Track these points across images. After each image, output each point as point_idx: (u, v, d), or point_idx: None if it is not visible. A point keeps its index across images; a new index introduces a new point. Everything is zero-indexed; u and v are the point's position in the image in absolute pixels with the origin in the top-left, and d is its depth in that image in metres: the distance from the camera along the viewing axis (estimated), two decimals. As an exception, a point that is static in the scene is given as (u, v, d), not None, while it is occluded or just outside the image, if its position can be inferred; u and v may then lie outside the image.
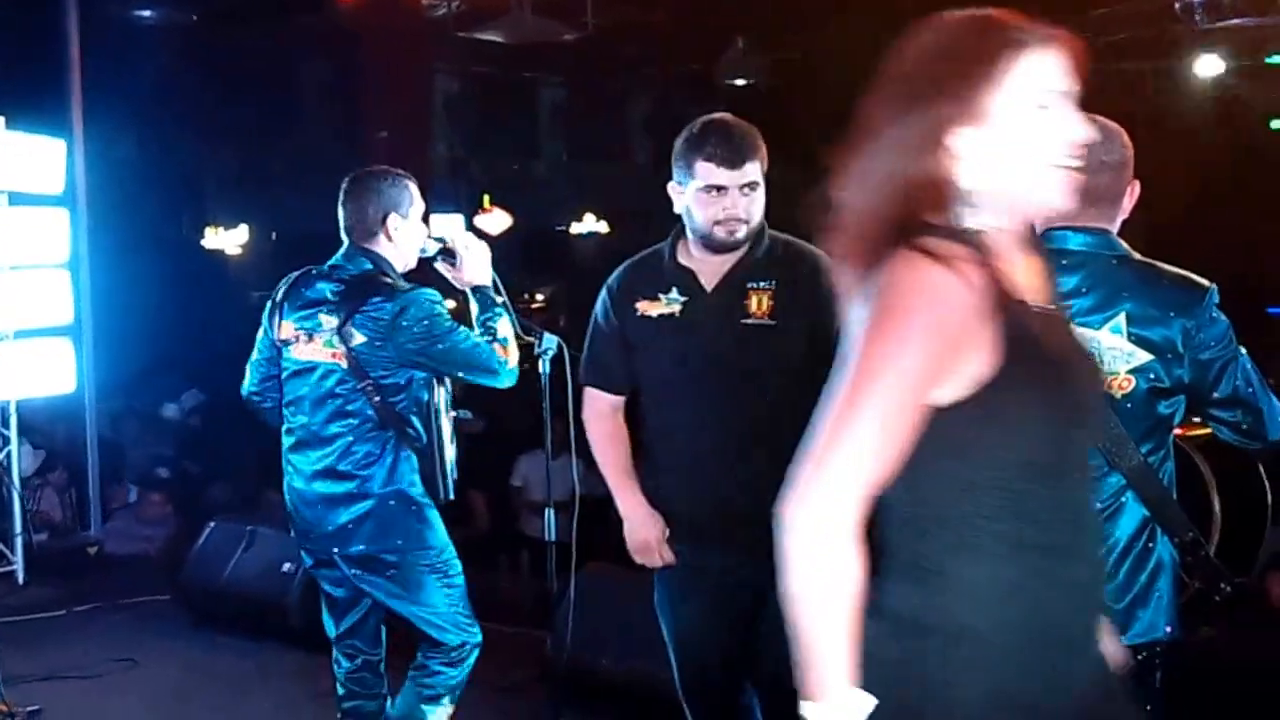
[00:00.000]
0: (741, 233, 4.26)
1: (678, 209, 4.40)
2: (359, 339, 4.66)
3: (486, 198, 22.76)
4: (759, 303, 4.28)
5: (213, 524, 8.19)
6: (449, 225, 19.29)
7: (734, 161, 4.26)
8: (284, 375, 4.90)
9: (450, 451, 4.89)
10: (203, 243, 20.35)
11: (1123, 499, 3.46)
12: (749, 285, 4.29)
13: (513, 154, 26.59)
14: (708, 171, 4.28)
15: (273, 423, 5.07)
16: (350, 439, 4.75)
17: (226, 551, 7.91)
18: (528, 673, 6.54)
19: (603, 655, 6.19)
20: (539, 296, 23.36)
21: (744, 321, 4.27)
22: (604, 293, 4.55)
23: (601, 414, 4.59)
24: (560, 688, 5.86)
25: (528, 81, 25.64)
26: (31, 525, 9.21)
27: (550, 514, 5.25)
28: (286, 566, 7.49)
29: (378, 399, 4.69)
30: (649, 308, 4.41)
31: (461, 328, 4.75)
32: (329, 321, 4.73)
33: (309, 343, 4.78)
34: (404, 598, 4.84)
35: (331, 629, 5.04)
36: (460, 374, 4.79)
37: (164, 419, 13.54)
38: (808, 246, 4.22)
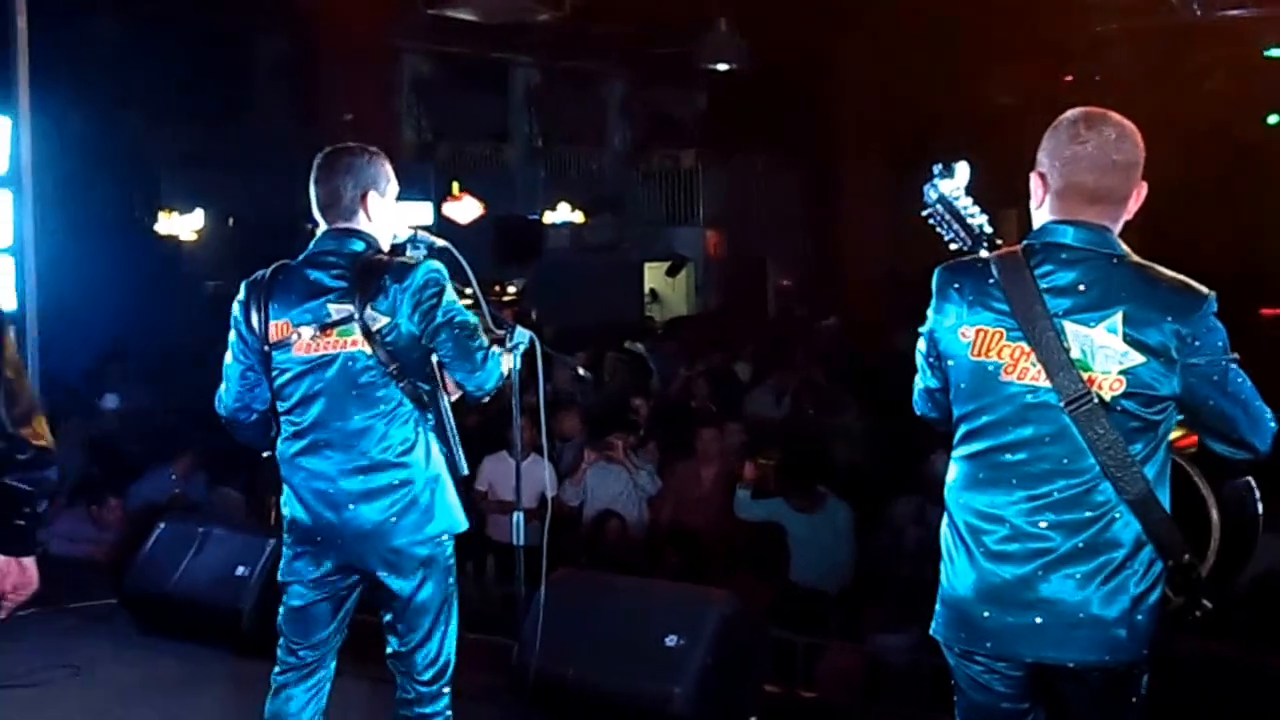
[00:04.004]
0: None
1: None
2: (381, 322, 4.63)
3: (455, 184, 22.76)
4: None
5: (162, 525, 8.16)
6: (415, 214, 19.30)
7: None
8: (281, 379, 4.78)
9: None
10: (155, 228, 20.27)
11: (1116, 512, 3.50)
12: None
13: (483, 138, 26.59)
14: None
15: (254, 438, 4.99)
16: (384, 427, 4.70)
17: (176, 554, 7.88)
18: (493, 681, 6.53)
19: (569, 664, 6.20)
20: (510, 289, 23.36)
21: None
22: None
23: None
24: (526, 697, 5.88)
25: (500, 62, 25.64)
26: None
27: (519, 518, 5.25)
28: (240, 570, 7.47)
29: (404, 382, 4.69)
30: None
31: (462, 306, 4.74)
32: (340, 310, 4.66)
33: (321, 335, 4.69)
34: (424, 595, 4.78)
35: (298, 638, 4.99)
36: (450, 356, 4.70)
37: (107, 412, 13.52)
38: None
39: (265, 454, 5.01)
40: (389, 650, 4.90)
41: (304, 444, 4.78)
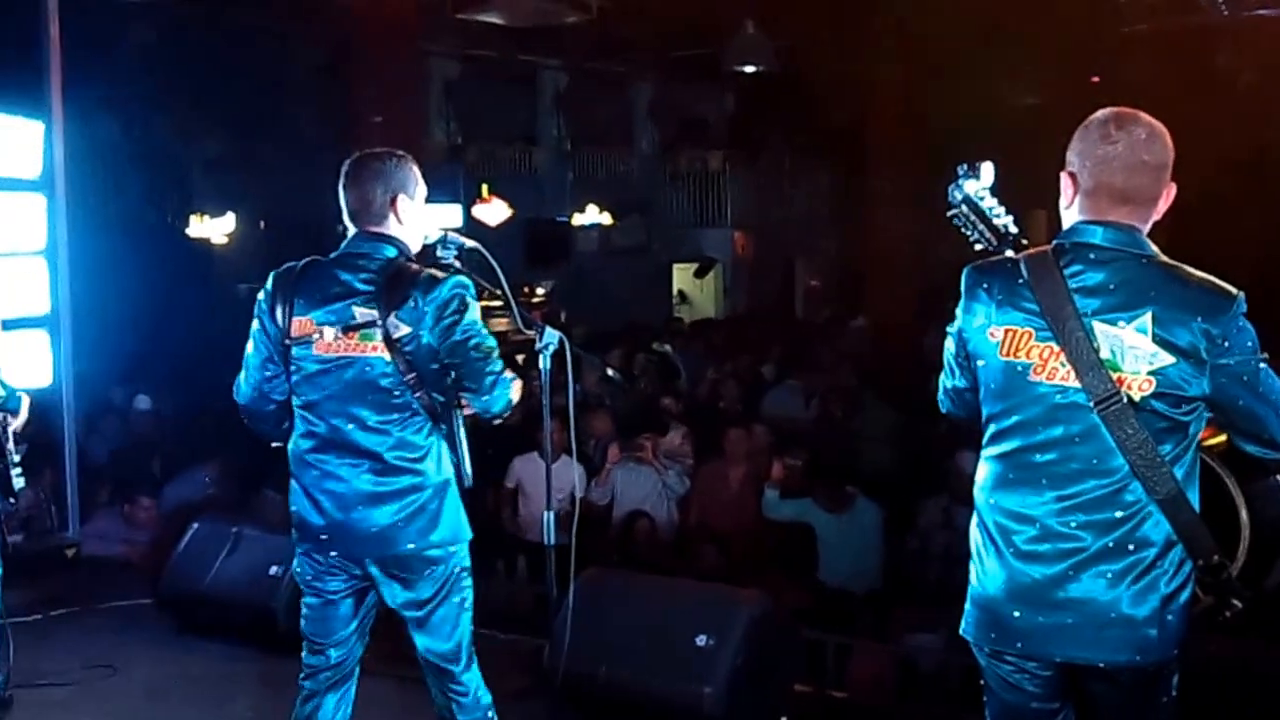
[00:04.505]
0: None
1: None
2: (403, 331, 4.63)
3: (484, 187, 22.79)
4: None
5: (196, 525, 8.20)
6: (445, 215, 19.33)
7: None
8: (299, 375, 4.80)
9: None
10: (187, 231, 20.35)
11: (1146, 512, 3.50)
12: None
13: (512, 141, 26.62)
14: None
15: (268, 429, 5.03)
16: (400, 433, 4.71)
17: (210, 554, 7.91)
18: (524, 681, 6.55)
19: (600, 664, 6.21)
20: (539, 291, 23.39)
21: None
22: None
23: None
24: (558, 697, 5.88)
25: (528, 65, 25.67)
26: (6, 526, 9.19)
27: (550, 517, 5.25)
28: (274, 569, 7.50)
29: (420, 392, 4.69)
30: None
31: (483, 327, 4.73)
32: (365, 314, 4.67)
33: (343, 337, 4.70)
34: (433, 604, 4.80)
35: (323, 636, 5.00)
36: (463, 375, 4.69)
37: (140, 413, 13.56)
38: None
39: (275, 445, 5.03)
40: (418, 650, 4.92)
41: (317, 442, 4.80)
